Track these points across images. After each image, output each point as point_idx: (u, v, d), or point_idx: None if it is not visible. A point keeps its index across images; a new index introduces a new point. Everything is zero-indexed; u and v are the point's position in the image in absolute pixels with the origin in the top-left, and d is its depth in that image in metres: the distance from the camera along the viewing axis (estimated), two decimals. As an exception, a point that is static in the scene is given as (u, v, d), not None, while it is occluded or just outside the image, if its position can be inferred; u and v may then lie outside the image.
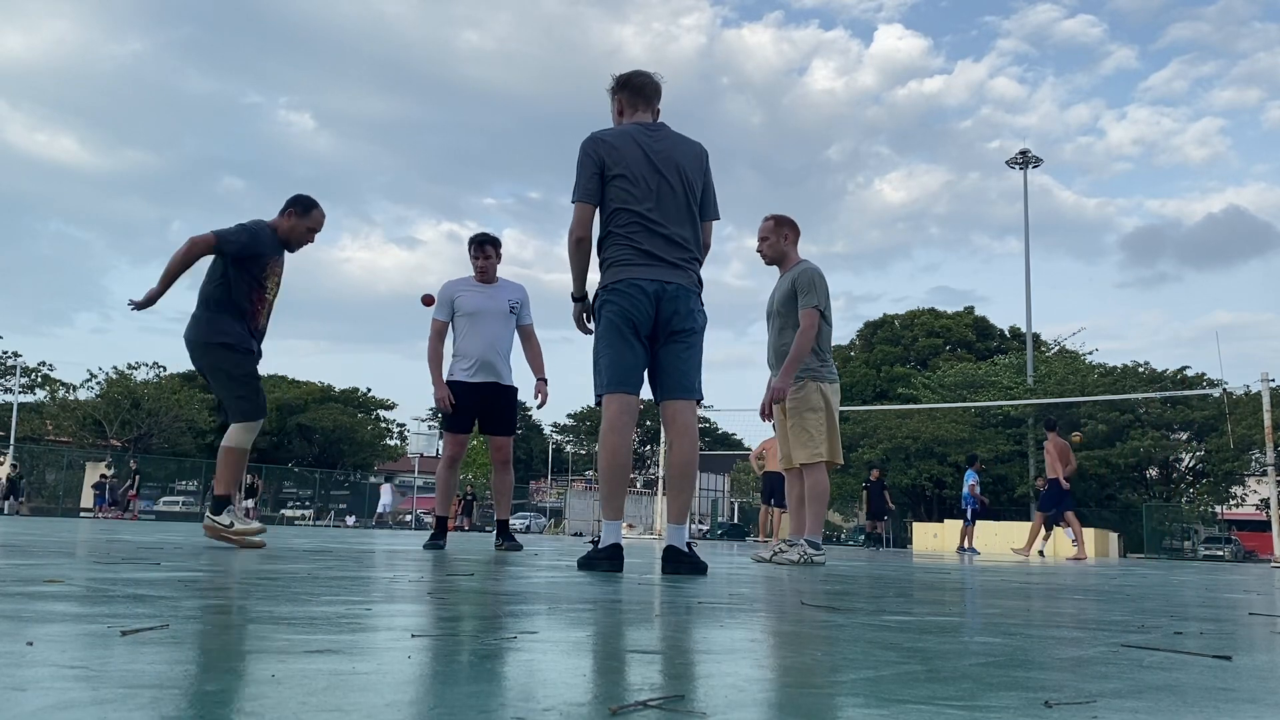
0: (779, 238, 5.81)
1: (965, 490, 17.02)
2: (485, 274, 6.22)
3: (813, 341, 5.55)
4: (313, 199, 5.18)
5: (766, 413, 5.92)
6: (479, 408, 6.16)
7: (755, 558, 6.07)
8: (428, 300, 5.92)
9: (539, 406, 6.28)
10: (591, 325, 3.95)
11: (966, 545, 16.65)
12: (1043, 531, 15.73)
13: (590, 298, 3.95)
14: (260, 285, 5.03)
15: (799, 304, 5.60)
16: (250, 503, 32.58)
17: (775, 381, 5.62)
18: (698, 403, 3.90)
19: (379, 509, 35.75)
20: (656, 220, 3.79)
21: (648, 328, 3.77)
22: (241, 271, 4.94)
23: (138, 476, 32.42)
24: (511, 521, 7.05)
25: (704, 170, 3.97)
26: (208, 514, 4.99)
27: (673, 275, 3.78)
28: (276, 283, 5.16)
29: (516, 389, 6.37)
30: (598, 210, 3.87)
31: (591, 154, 3.81)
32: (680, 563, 3.72)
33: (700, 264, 3.94)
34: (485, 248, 6.23)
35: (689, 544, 3.83)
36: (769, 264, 5.91)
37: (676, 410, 3.81)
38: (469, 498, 37.59)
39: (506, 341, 6.23)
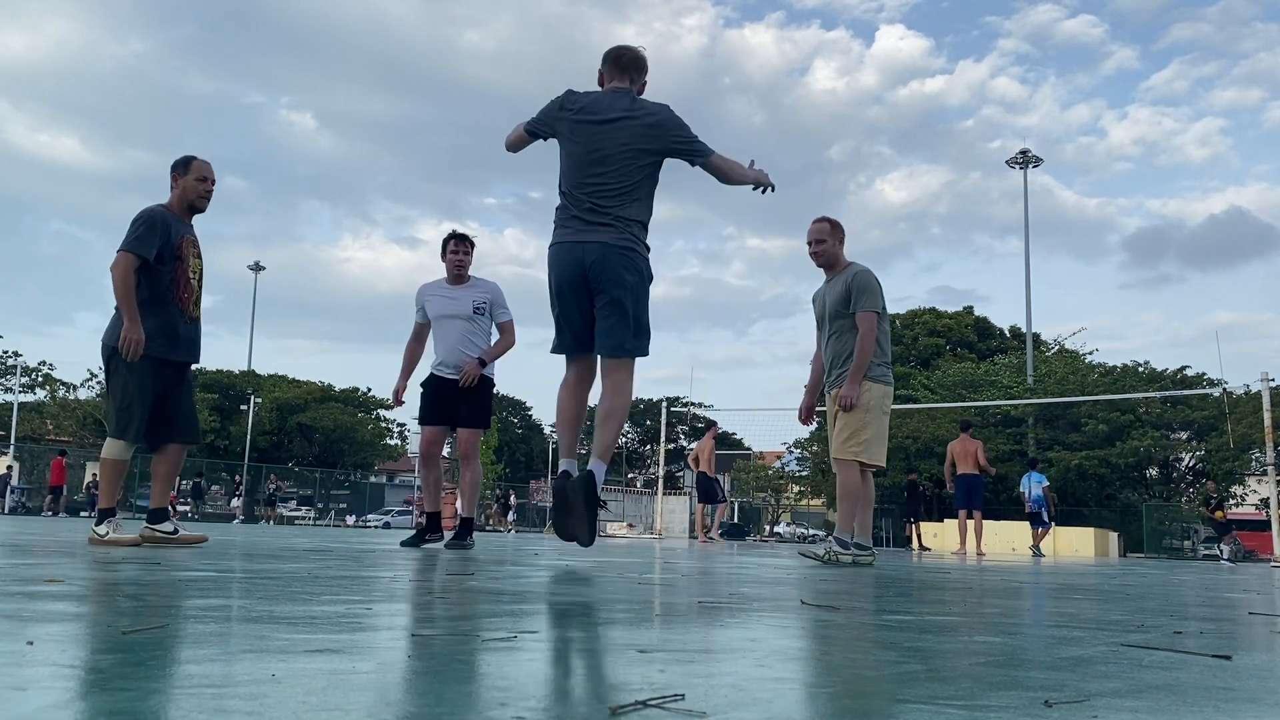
0: (835, 241, 5.83)
1: (1039, 492, 16.82)
2: (461, 268, 6.28)
3: (870, 344, 5.59)
4: (186, 155, 5.01)
5: (805, 417, 6.15)
6: (452, 402, 6.22)
7: (804, 553, 6.04)
8: None
9: (461, 384, 6.20)
10: None
11: (1038, 548, 16.56)
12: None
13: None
14: (179, 270, 4.85)
15: (857, 307, 5.61)
16: (237, 502, 32.48)
17: (843, 389, 5.62)
18: (632, 358, 4.02)
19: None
20: (591, 182, 3.94)
21: (580, 286, 3.94)
22: (156, 262, 4.75)
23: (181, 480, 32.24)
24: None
25: (664, 131, 4.01)
26: (92, 526, 4.82)
27: (595, 235, 3.91)
28: (197, 256, 4.97)
29: (490, 381, 6.36)
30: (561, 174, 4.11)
31: (555, 97, 4.12)
32: (572, 495, 3.80)
33: (638, 223, 3.98)
34: (464, 242, 6.32)
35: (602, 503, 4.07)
36: (821, 266, 5.90)
37: (607, 368, 4.01)
38: (503, 497, 37.30)
39: (475, 340, 6.27)
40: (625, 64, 4.18)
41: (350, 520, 40.38)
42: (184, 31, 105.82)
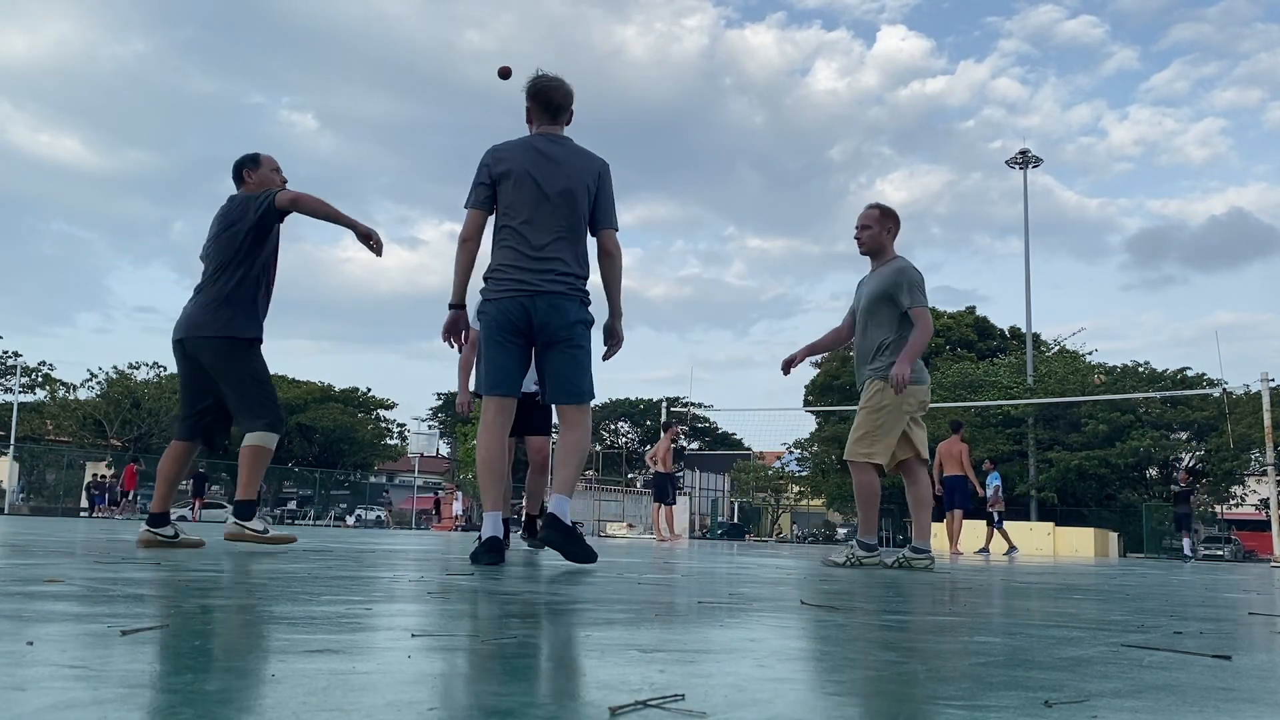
0: (881, 229, 5.67)
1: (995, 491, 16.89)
2: None
3: (928, 338, 5.49)
4: (250, 153, 4.83)
5: (786, 368, 5.97)
6: (525, 410, 6.27)
7: (826, 561, 5.94)
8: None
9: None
10: (459, 340, 4.08)
11: (1010, 545, 16.61)
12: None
13: (465, 307, 4.13)
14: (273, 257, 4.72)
15: (906, 304, 5.52)
16: (226, 502, 32.36)
17: (895, 370, 5.40)
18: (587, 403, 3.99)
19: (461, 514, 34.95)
20: (531, 232, 3.88)
21: (525, 330, 3.88)
22: (276, 248, 4.62)
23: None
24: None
25: (596, 185, 4.02)
26: (233, 520, 4.45)
27: (543, 283, 3.84)
28: None
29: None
30: (492, 218, 4.01)
31: (484, 163, 3.98)
32: (554, 530, 3.79)
33: (579, 277, 3.95)
34: None
35: (575, 524, 3.95)
36: (865, 253, 5.76)
37: (565, 413, 3.95)
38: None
39: None
40: (553, 105, 4.07)
41: (350, 520, 40.36)
42: (184, 31, 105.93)
